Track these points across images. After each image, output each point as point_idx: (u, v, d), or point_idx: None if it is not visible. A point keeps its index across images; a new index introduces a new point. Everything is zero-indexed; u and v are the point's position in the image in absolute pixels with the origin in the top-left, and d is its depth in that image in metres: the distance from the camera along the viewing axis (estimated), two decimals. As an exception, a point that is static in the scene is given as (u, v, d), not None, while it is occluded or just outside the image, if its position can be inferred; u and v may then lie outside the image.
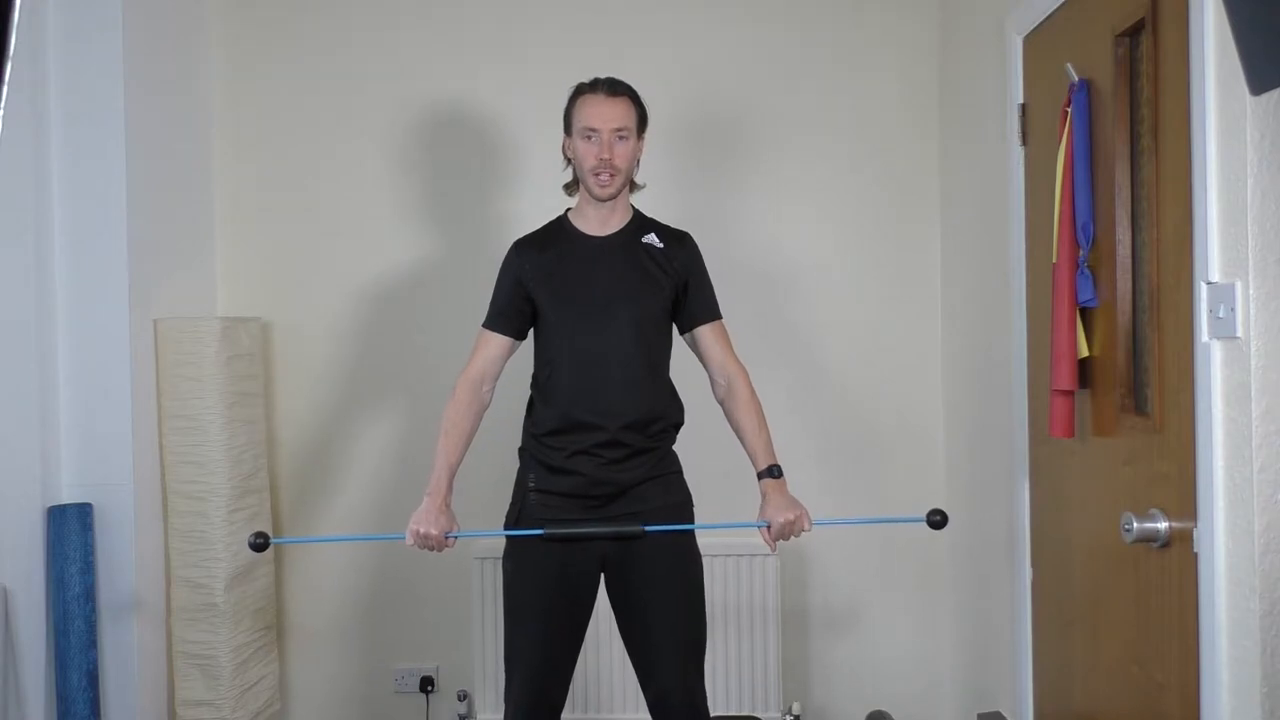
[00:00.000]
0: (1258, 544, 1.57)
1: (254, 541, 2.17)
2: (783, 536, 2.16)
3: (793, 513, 2.15)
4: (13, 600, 2.57)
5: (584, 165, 2.26)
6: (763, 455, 2.25)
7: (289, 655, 3.31)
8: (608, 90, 2.26)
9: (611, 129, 2.23)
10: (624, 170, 2.26)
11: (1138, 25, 1.92)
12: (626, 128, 2.25)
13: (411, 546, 2.17)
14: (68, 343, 2.76)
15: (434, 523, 2.15)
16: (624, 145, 2.25)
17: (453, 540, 2.18)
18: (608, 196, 2.27)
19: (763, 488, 2.22)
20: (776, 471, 2.23)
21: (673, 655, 2.25)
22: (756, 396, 2.30)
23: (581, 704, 3.09)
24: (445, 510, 2.18)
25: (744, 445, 2.29)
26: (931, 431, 3.27)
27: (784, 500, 2.18)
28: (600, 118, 2.23)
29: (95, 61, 2.77)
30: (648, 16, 3.25)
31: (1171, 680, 1.80)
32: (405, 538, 2.16)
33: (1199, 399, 1.68)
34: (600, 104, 2.24)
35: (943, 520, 2.18)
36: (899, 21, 3.25)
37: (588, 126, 2.24)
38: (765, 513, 2.18)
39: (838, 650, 3.29)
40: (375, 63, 3.27)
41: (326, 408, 3.29)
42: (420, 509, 2.17)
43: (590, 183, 2.26)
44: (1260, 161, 1.55)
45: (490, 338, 2.32)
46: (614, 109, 2.24)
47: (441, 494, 2.19)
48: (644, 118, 2.31)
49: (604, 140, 2.23)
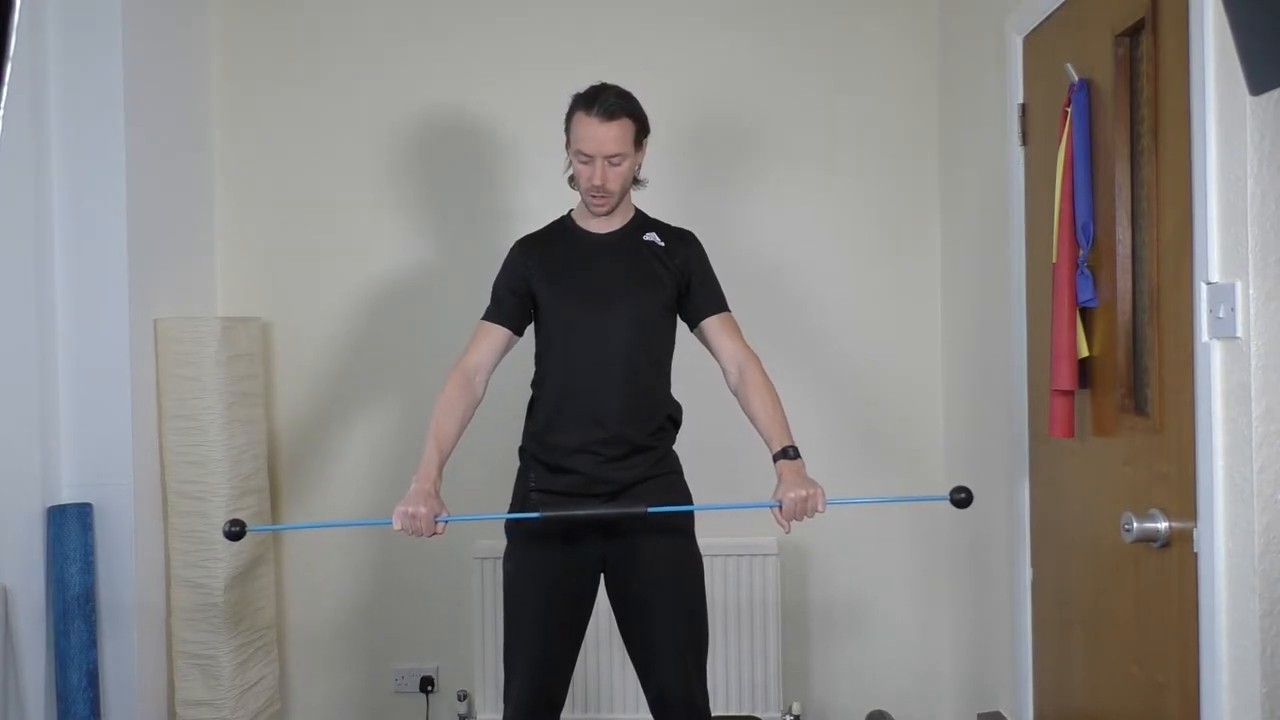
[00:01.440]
0: (1258, 544, 1.57)
1: (229, 530, 2.11)
2: (795, 516, 2.08)
3: (805, 489, 2.07)
4: (13, 600, 2.57)
5: (580, 183, 2.27)
6: (778, 436, 2.17)
7: (289, 655, 3.31)
8: (603, 115, 2.20)
9: (605, 155, 2.21)
10: (617, 192, 2.26)
11: (1138, 25, 1.92)
12: (620, 153, 2.22)
13: (399, 531, 2.07)
14: (68, 343, 2.76)
15: (421, 504, 2.06)
16: (617, 170, 2.23)
17: (442, 526, 2.09)
18: (603, 214, 2.29)
19: (778, 469, 2.14)
20: (793, 452, 2.15)
21: (672, 654, 2.24)
22: (770, 381, 2.25)
23: (581, 704, 3.09)
24: (434, 494, 2.10)
25: (759, 430, 2.22)
26: (931, 431, 3.27)
27: (798, 479, 2.10)
28: (595, 142, 2.20)
29: (95, 62, 2.77)
30: (648, 17, 3.25)
31: (1171, 680, 1.80)
32: (392, 522, 2.07)
33: (1199, 399, 1.68)
34: (595, 129, 2.20)
35: (968, 498, 2.11)
36: (899, 22, 3.25)
37: (582, 151, 2.22)
38: (779, 493, 2.10)
39: (838, 650, 3.29)
40: (375, 62, 3.27)
41: (326, 408, 3.29)
42: (408, 492, 2.09)
43: (586, 200, 2.28)
44: (1260, 161, 1.55)
45: (488, 329, 2.31)
46: (608, 134, 2.20)
47: (431, 479, 2.12)
48: (644, 129, 2.27)
49: (598, 166, 2.21)
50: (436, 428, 2.21)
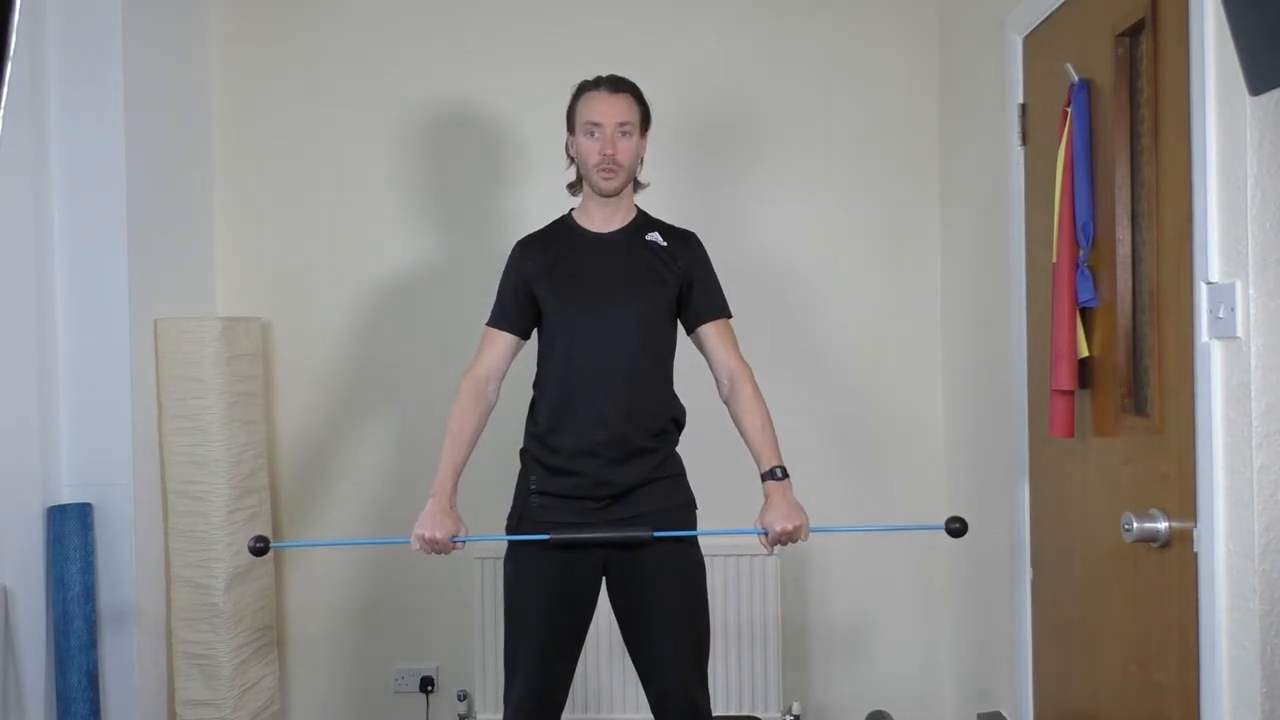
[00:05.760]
0: (1258, 544, 1.57)
1: (254, 546, 2.17)
2: (780, 542, 2.14)
3: (790, 523, 2.10)
4: (13, 600, 2.57)
5: (588, 161, 2.26)
6: (766, 456, 2.20)
7: (289, 655, 3.31)
8: (610, 87, 2.26)
9: (615, 124, 2.22)
10: (627, 165, 2.26)
11: (1138, 25, 1.92)
12: (629, 123, 2.24)
13: (417, 551, 2.16)
14: (68, 343, 2.76)
15: (439, 526, 2.13)
16: (627, 141, 2.24)
17: (460, 545, 2.16)
18: (612, 190, 2.26)
19: (765, 490, 2.18)
20: (780, 473, 2.18)
21: (673, 659, 2.23)
22: (761, 396, 2.26)
23: (581, 704, 3.09)
24: (450, 512, 2.16)
25: (748, 446, 2.25)
26: (931, 431, 3.27)
27: (785, 507, 2.13)
28: (603, 113, 2.23)
29: (95, 62, 2.77)
30: (649, 17, 3.25)
31: (1171, 680, 1.80)
32: (410, 542, 2.15)
33: (1199, 399, 1.68)
34: (603, 99, 2.24)
35: (962, 528, 2.12)
36: (899, 22, 3.25)
37: (590, 121, 2.24)
38: (765, 518, 2.14)
39: (838, 650, 3.28)
40: (376, 62, 3.27)
41: (327, 408, 3.29)
42: (425, 512, 2.15)
43: (594, 178, 2.26)
44: (1260, 161, 1.55)
45: (495, 336, 2.32)
46: (617, 104, 2.24)
47: (446, 495, 2.18)
48: (647, 115, 2.31)
49: (607, 135, 2.22)
50: (451, 441, 2.23)
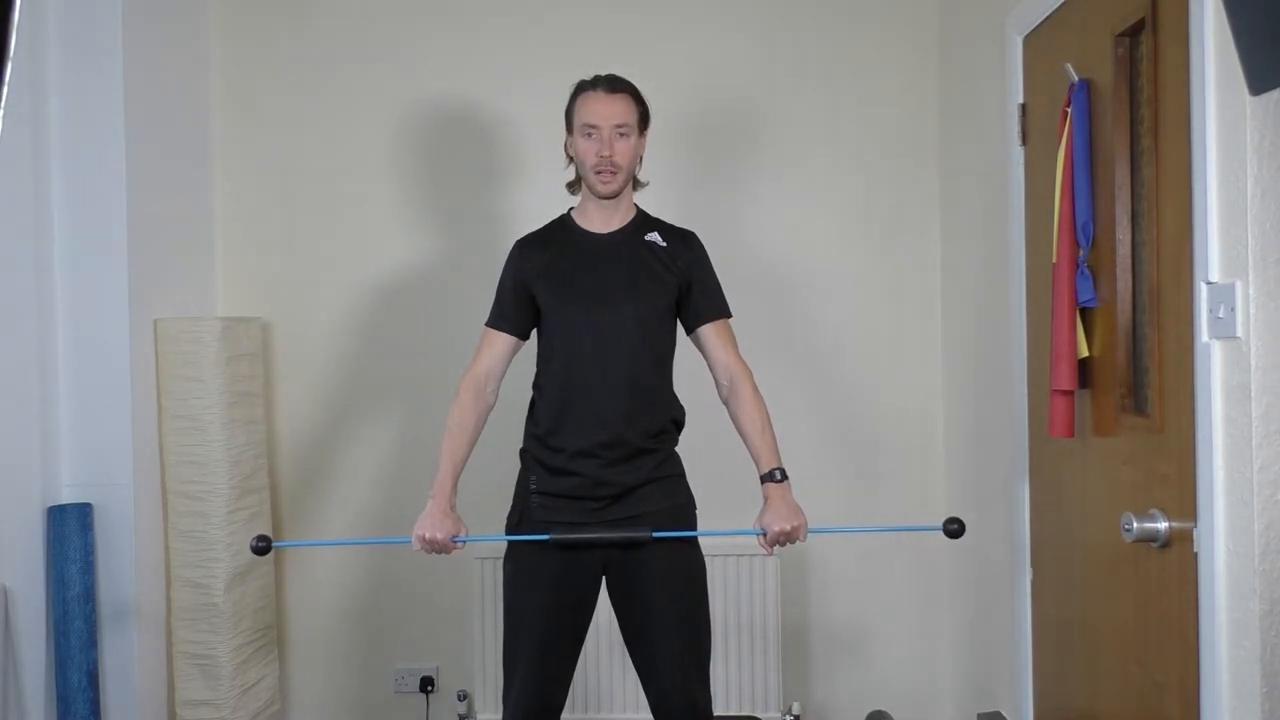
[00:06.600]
0: (1258, 544, 1.57)
1: (256, 545, 2.18)
2: (778, 543, 2.14)
3: (789, 524, 2.11)
4: (13, 600, 2.57)
5: (585, 163, 2.25)
6: (765, 458, 2.21)
7: (289, 655, 3.31)
8: (608, 87, 2.25)
9: (612, 125, 2.22)
10: (625, 167, 2.25)
11: (1138, 25, 1.92)
12: (627, 124, 2.24)
13: (418, 551, 2.16)
14: (68, 343, 2.76)
15: (439, 527, 2.14)
16: (625, 142, 2.24)
17: (460, 545, 2.17)
18: (610, 194, 2.26)
19: (765, 491, 2.19)
20: (779, 475, 2.19)
21: (673, 659, 2.22)
22: (760, 397, 2.26)
23: (581, 704, 3.09)
24: (450, 513, 2.17)
25: (748, 447, 2.25)
26: (931, 431, 3.27)
27: (784, 508, 2.14)
28: (600, 114, 2.22)
29: (95, 62, 2.77)
30: (649, 15, 3.25)
31: (1171, 680, 1.80)
32: (411, 542, 2.15)
33: (1199, 399, 1.68)
34: (600, 101, 2.24)
35: (960, 530, 2.14)
36: (899, 22, 3.25)
37: (588, 123, 2.23)
38: (763, 519, 2.15)
39: (838, 650, 3.28)
40: (375, 62, 3.27)
41: (327, 408, 3.29)
42: (425, 513, 2.16)
43: (592, 180, 2.25)
44: (1260, 161, 1.55)
45: (493, 336, 2.32)
46: (614, 105, 2.23)
47: (446, 495, 2.18)
48: (645, 115, 2.30)
49: (604, 137, 2.22)
50: (450, 441, 2.24)
